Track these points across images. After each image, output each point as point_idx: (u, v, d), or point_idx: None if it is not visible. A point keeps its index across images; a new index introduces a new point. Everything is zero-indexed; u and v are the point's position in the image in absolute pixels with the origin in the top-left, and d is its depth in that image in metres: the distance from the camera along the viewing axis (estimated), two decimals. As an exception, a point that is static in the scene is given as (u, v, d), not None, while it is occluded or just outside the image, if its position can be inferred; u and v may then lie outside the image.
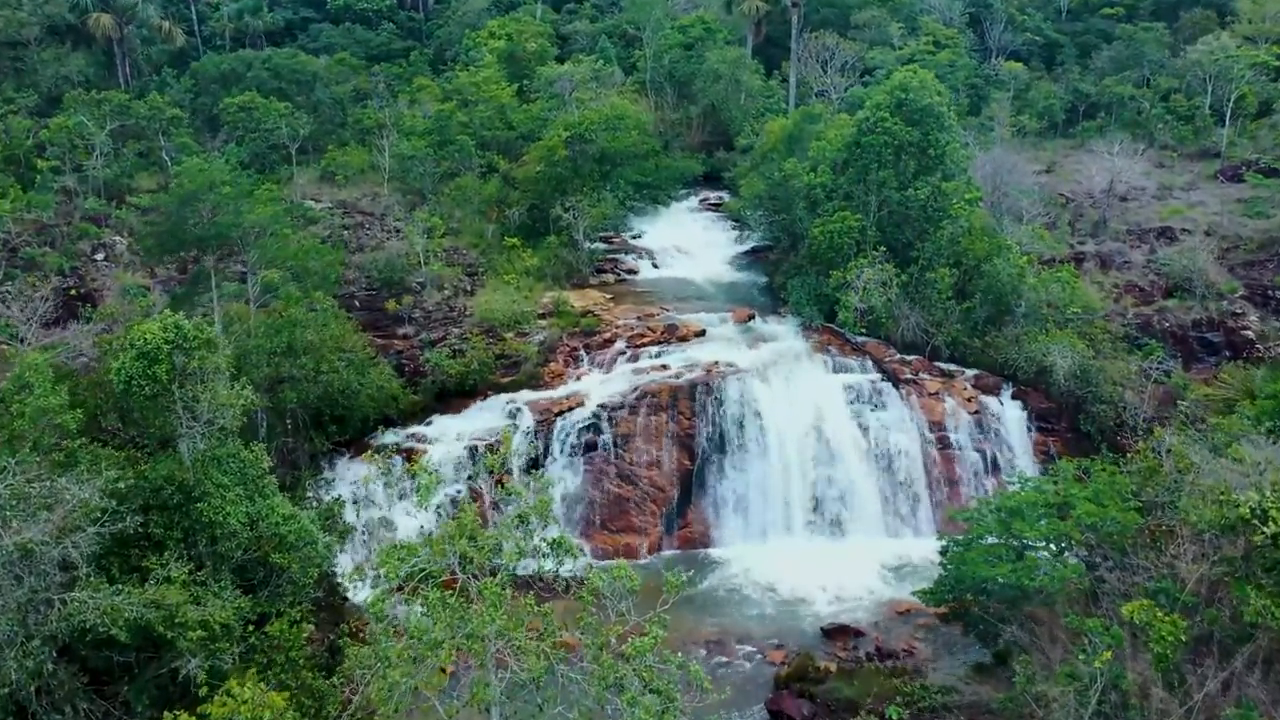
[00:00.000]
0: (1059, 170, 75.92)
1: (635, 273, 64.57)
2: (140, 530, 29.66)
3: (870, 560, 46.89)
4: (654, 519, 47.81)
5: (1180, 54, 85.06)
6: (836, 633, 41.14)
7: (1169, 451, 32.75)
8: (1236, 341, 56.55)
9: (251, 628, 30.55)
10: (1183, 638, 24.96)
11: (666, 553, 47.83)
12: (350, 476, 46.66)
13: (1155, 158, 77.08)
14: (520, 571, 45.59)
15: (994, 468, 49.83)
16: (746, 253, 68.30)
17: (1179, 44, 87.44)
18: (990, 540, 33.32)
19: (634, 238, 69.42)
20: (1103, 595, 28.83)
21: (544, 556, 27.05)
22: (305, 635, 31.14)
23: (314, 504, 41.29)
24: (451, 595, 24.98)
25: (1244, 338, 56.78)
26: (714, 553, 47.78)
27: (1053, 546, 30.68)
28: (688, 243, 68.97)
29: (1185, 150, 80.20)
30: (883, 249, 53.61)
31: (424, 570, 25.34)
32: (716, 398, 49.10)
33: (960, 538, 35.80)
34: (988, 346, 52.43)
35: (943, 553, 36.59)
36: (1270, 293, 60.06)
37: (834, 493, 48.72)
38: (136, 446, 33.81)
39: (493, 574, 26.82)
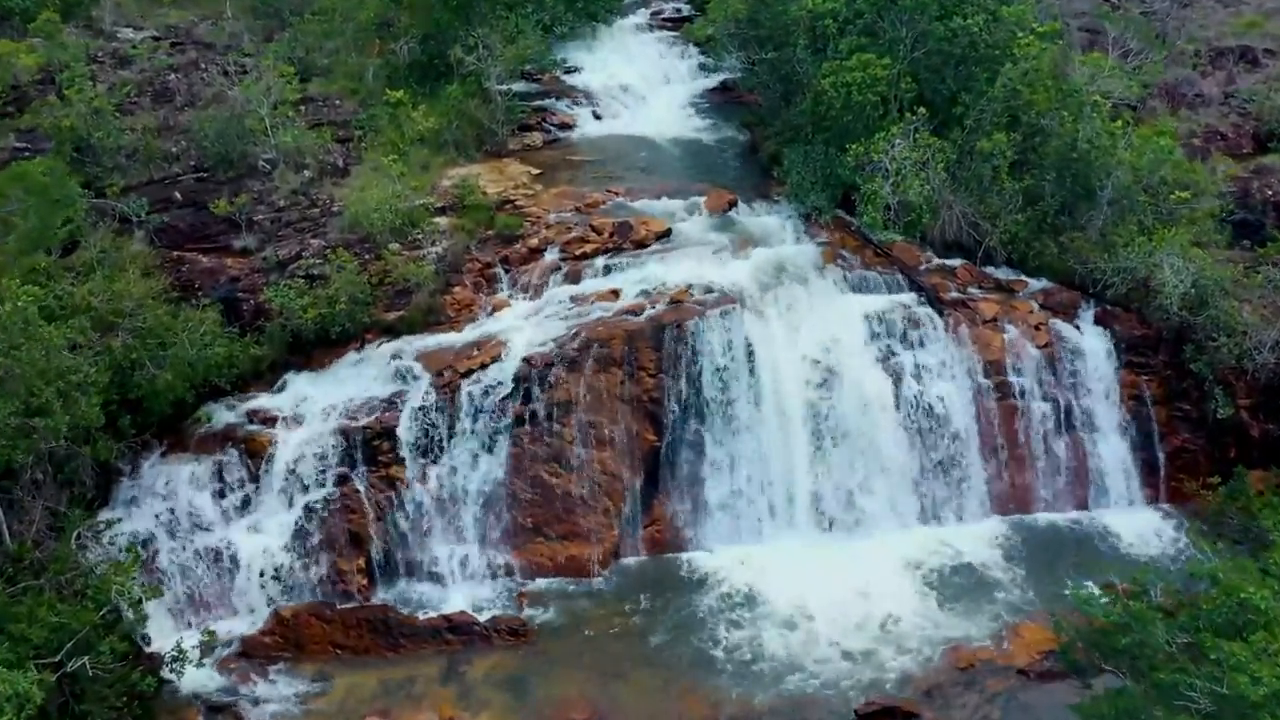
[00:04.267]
0: (1090, -38, 58.83)
1: (570, 128, 47.91)
2: None
3: (906, 565, 34.18)
4: (608, 518, 34.17)
5: None
6: (879, 716, 28.64)
7: None
8: (1354, 215, 42.52)
9: None
10: None
11: (629, 561, 34.51)
12: (162, 485, 31.90)
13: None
14: (432, 612, 32.26)
15: (1068, 423, 36.54)
16: (714, 89, 51.87)
17: None
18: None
19: (567, 72, 52.10)
20: None
21: None
22: None
23: (82, 570, 26.75)
24: None
25: (1364, 211, 42.71)
26: (694, 559, 34.59)
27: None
28: (638, 78, 52.05)
29: (1247, -67, 63.21)
30: (921, 110, 37.83)
31: None
32: (691, 344, 34.47)
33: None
34: (1063, 250, 37.90)
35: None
36: (1400, 144, 45.66)
37: (854, 470, 35.32)
38: None
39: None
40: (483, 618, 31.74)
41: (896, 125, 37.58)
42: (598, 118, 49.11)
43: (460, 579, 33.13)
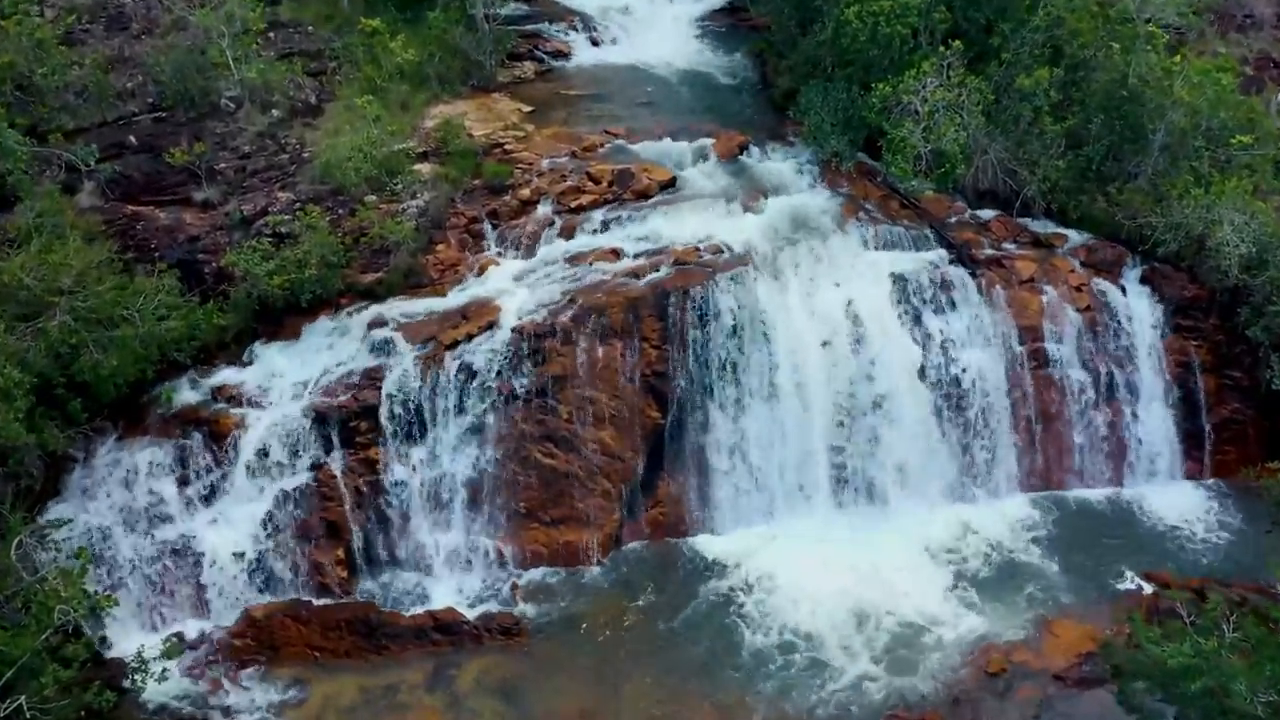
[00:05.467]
0: None
1: (565, 56, 43.80)
2: None
3: (930, 550, 31.68)
4: (608, 501, 31.46)
5: None
6: (902, 732, 26.42)
7: None
8: None
9: None
10: None
11: (630, 546, 31.91)
12: (119, 474, 29.08)
13: None
14: (418, 608, 29.74)
15: (1109, 394, 33.56)
16: (721, 10, 47.64)
17: None
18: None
19: (562, -8, 47.77)
20: None
21: None
22: None
23: (25, 585, 24.03)
24: None
25: None
26: (700, 544, 32.01)
27: None
28: (638, 0, 47.75)
29: None
30: (956, 44, 33.87)
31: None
32: (698, 311, 31.29)
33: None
34: (1109, 201, 34.38)
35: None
36: None
37: (876, 445, 32.48)
38: None
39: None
40: (472, 614, 29.28)
41: (928, 61, 33.68)
42: (595, 44, 45.04)
43: (448, 569, 30.59)
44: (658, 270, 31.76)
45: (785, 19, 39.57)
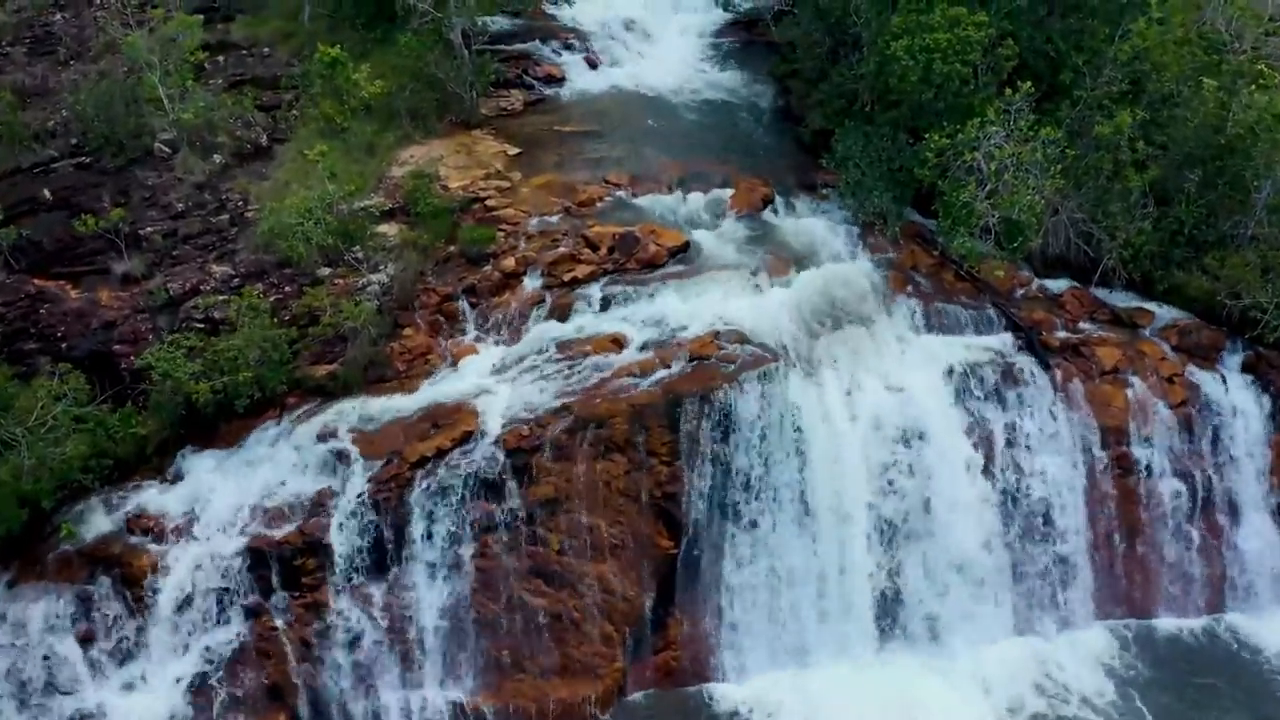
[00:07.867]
0: None
1: (559, 81, 38.03)
2: None
3: (989, 694, 26.47)
4: (610, 647, 26.15)
5: None
6: None
7: None
8: None
9: None
10: None
11: (635, 698, 26.60)
12: (8, 631, 23.72)
13: None
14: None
15: (1205, 505, 28.23)
16: (735, 23, 41.85)
17: None
18: None
19: (555, 1, 41.94)
20: None
21: None
22: None
23: None
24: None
25: None
26: (719, 693, 26.75)
27: None
28: (642, 9, 41.93)
29: None
30: (1026, 85, 28.19)
31: None
32: (719, 420, 25.82)
33: None
34: (1211, 275, 28.84)
35: None
36: None
37: (927, 571, 27.21)
38: None
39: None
40: (444, 800, 24.06)
41: (991, 106, 28.06)
42: (592, 65, 39.23)
43: (416, 735, 25.32)
44: (669, 366, 26.29)
45: (814, 44, 33.81)
